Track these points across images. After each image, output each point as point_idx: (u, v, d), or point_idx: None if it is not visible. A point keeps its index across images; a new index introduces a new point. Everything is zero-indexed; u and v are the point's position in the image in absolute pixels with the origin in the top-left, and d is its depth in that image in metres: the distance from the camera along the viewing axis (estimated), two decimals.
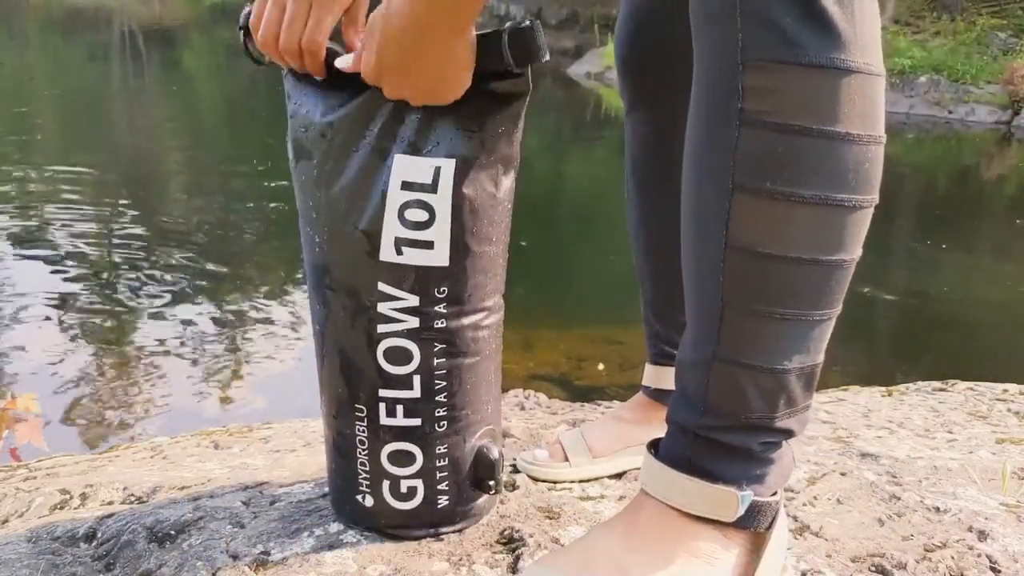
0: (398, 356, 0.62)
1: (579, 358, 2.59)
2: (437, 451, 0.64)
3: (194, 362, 2.44)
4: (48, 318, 2.66)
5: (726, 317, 0.52)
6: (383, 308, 0.61)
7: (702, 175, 0.52)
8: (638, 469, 0.81)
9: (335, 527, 0.67)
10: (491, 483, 0.67)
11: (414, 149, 0.59)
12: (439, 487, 0.65)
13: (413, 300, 0.61)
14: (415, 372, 0.62)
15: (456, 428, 0.65)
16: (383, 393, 0.63)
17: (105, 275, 3.14)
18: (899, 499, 0.77)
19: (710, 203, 0.51)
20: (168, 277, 3.14)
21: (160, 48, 11.97)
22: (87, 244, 3.45)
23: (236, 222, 3.95)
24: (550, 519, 0.70)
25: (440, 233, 0.60)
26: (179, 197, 4.47)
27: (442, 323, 0.62)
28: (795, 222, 0.50)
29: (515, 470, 0.81)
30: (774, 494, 0.56)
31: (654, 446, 0.59)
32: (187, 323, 2.73)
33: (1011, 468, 0.89)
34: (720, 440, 0.54)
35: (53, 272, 3.07)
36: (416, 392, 0.63)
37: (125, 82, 8.92)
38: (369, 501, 0.66)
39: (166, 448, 1.13)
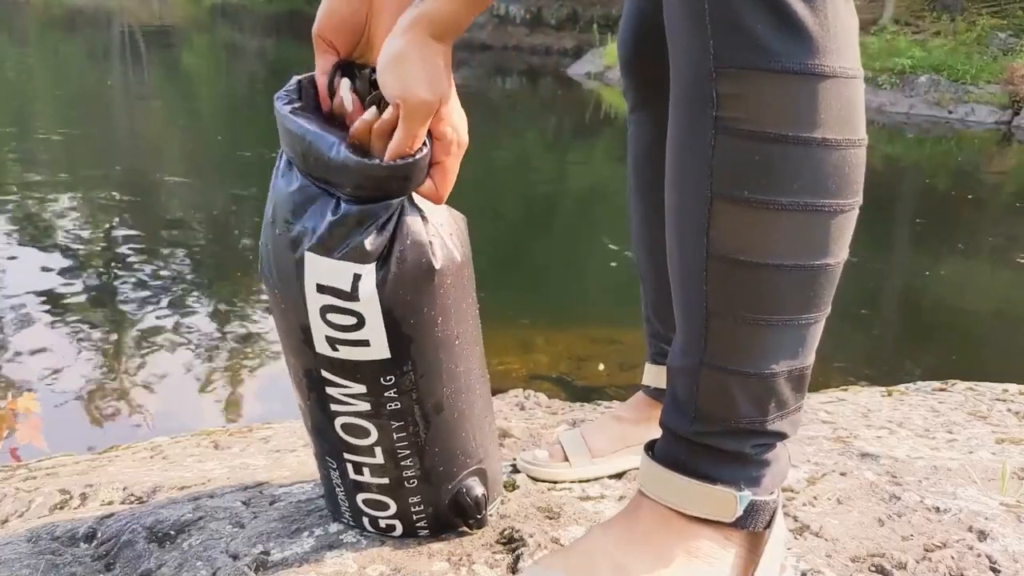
0: (356, 431, 0.60)
1: (579, 358, 2.59)
2: (411, 500, 0.64)
3: (194, 362, 2.44)
4: (48, 318, 2.66)
5: (711, 324, 0.52)
6: (332, 392, 0.59)
7: (681, 183, 0.52)
8: (638, 469, 0.81)
9: (335, 527, 0.67)
10: (471, 521, 0.66)
11: (325, 249, 0.55)
12: (418, 525, 0.65)
13: (359, 388, 0.58)
14: (376, 444, 0.60)
15: (430, 481, 0.63)
16: (347, 456, 0.62)
17: (105, 275, 3.14)
18: (899, 499, 0.77)
19: (690, 212, 0.51)
20: (169, 277, 3.14)
21: (160, 48, 11.97)
22: (87, 244, 3.45)
23: (237, 222, 3.95)
24: (550, 519, 0.70)
25: (374, 332, 0.56)
26: (180, 197, 4.47)
27: (395, 405, 0.59)
28: (776, 229, 0.50)
29: (515, 470, 0.81)
30: (771, 493, 0.57)
31: (651, 447, 0.59)
32: (188, 323, 2.73)
33: (1011, 468, 0.89)
34: (713, 445, 0.55)
35: (53, 272, 3.07)
36: (380, 459, 0.61)
37: (125, 82, 8.92)
38: (353, 525, 0.67)
39: (166, 448, 1.13)
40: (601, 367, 2.53)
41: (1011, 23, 9.39)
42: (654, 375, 0.82)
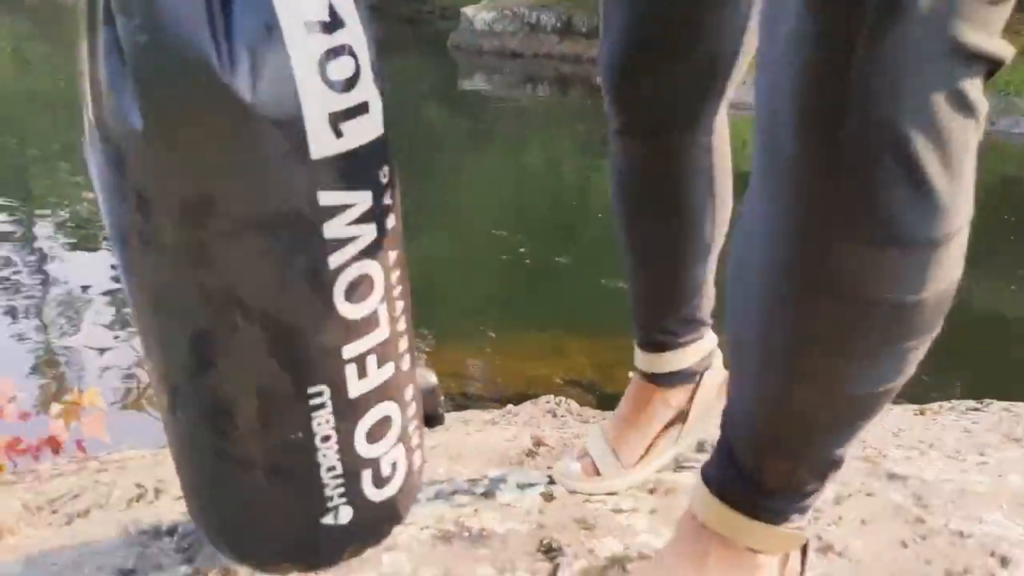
0: (360, 289, 0.46)
1: (608, 364, 2.62)
2: (406, 398, 0.52)
3: None
4: (106, 313, 2.76)
5: (785, 414, 0.54)
6: (331, 230, 0.43)
7: (764, 330, 0.51)
8: (660, 474, 0.85)
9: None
10: (434, 416, 0.57)
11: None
12: (413, 442, 0.54)
13: (365, 198, 0.44)
14: (381, 301, 0.47)
15: (413, 357, 0.53)
16: (349, 350, 0.46)
17: None
18: (924, 522, 0.79)
19: (776, 357, 0.51)
20: None
21: None
22: None
23: None
24: (585, 530, 0.75)
25: (368, 87, 0.43)
26: None
27: (392, 221, 0.46)
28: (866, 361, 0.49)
29: (551, 481, 0.86)
30: None
31: (709, 482, 0.60)
32: None
33: None
34: (775, 505, 0.59)
35: (110, 269, 3.19)
36: (384, 329, 0.48)
37: None
38: (346, 514, 0.52)
39: None
40: (630, 374, 2.55)
41: None
42: (647, 362, 0.85)
